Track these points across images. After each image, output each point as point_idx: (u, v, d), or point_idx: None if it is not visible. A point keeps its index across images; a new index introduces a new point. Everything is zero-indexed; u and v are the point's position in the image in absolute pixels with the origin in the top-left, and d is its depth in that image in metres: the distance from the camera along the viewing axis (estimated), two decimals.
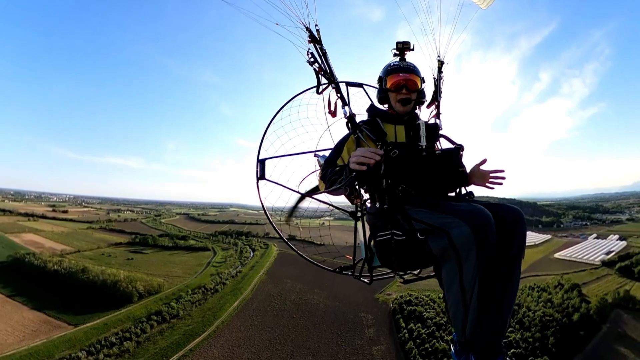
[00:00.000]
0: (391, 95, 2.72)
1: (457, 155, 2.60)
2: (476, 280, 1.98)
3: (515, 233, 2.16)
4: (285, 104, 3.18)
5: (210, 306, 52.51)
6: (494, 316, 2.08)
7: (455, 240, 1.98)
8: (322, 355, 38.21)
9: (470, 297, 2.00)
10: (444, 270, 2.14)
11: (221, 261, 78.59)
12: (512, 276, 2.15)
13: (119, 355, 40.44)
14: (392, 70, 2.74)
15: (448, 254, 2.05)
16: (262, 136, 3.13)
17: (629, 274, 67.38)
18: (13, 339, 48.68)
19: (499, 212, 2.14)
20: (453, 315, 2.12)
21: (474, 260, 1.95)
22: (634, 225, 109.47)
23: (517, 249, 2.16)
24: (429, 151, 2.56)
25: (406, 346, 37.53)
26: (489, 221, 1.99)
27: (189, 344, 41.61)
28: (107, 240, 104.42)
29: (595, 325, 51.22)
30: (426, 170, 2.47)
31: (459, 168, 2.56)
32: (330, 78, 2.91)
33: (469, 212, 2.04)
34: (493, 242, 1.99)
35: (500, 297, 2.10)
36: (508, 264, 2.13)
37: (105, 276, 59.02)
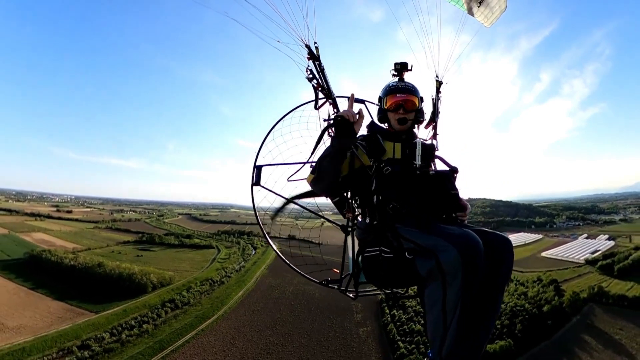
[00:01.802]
0: (390, 114, 2.86)
1: (451, 178, 2.65)
2: (459, 304, 2.03)
3: (503, 261, 2.23)
4: (285, 115, 3.33)
5: (218, 295, 60.45)
6: (472, 339, 2.16)
7: (443, 263, 2.03)
8: (315, 334, 46.13)
9: (451, 319, 2.06)
10: (428, 291, 2.19)
11: (225, 257, 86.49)
12: (495, 302, 2.24)
13: (139, 335, 48.08)
14: (391, 90, 2.89)
15: (434, 276, 2.10)
16: (261, 143, 3.27)
17: (609, 271, 72.71)
18: (42, 324, 56.39)
19: (489, 238, 2.21)
20: (432, 335, 2.16)
21: (459, 285, 2.00)
22: (626, 225, 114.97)
23: (504, 277, 2.25)
24: (422, 170, 2.61)
25: (388, 327, 45.18)
26: (478, 247, 2.04)
27: (201, 325, 49.52)
28: (114, 239, 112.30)
29: (566, 316, 57.52)
30: (418, 189, 2.50)
31: (451, 190, 2.59)
32: (328, 94, 3.08)
33: (459, 236, 2.08)
34: (480, 268, 2.05)
35: (480, 321, 2.19)
36: (493, 290, 2.21)
37: (121, 270, 66.76)
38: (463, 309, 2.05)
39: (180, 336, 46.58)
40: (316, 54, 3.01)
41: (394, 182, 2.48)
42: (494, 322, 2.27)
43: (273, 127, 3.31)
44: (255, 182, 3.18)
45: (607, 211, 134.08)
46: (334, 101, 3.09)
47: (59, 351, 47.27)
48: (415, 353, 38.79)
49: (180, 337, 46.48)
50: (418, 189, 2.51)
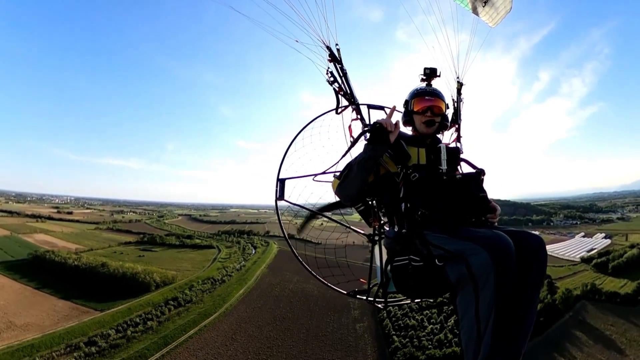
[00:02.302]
0: (416, 117, 2.86)
1: (478, 180, 2.63)
2: (493, 309, 1.98)
3: (535, 260, 2.19)
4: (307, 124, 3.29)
5: (219, 293, 62.70)
6: (508, 347, 2.08)
7: (474, 267, 2.00)
8: (314, 329, 48.51)
9: (486, 326, 2.00)
10: (460, 298, 2.15)
11: (226, 257, 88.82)
12: (530, 304, 2.17)
13: (144, 331, 50.32)
14: (419, 93, 2.92)
15: (465, 282, 2.06)
16: (283, 155, 3.20)
17: (604, 269, 74.77)
18: (49, 322, 58.67)
19: (520, 238, 2.16)
20: (465, 343, 2.11)
21: (491, 289, 1.96)
22: (623, 224, 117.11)
23: (538, 277, 2.19)
24: (449, 175, 2.61)
25: (383, 323, 47.49)
26: (510, 249, 2.01)
27: (204, 321, 51.84)
28: (116, 240, 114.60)
29: (558, 313, 59.66)
30: (446, 194, 2.49)
31: (479, 193, 2.58)
32: (351, 99, 3.04)
33: (489, 238, 2.06)
34: (513, 270, 2.00)
35: (516, 326, 2.12)
36: (527, 291, 2.16)
37: (124, 269, 69.08)
38: (497, 314, 2.00)
39: (183, 332, 48.99)
40: (338, 56, 2.98)
41: (421, 189, 2.47)
42: (530, 325, 2.17)
43: (295, 138, 3.27)
44: (279, 196, 3.13)
45: (605, 210, 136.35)
46: (357, 107, 3.04)
47: (66, 347, 49.52)
48: (408, 346, 41.19)
49: (183, 332, 48.89)
50: (445, 194, 2.50)
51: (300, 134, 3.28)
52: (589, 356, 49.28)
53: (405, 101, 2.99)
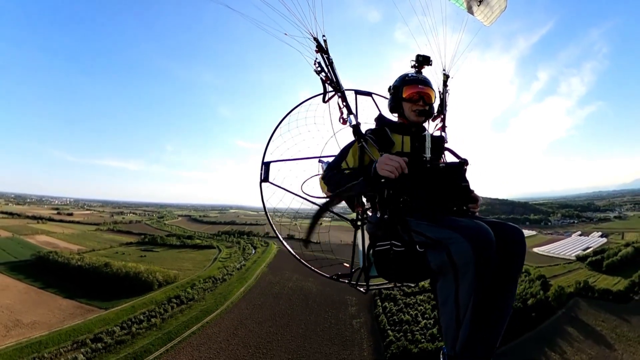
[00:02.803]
0: (406, 105, 2.92)
1: (461, 170, 2.67)
2: (472, 297, 2.06)
3: (515, 252, 2.27)
4: (293, 109, 3.38)
5: (220, 291, 65.16)
6: (486, 333, 2.18)
7: (455, 256, 2.06)
8: (312, 325, 50.89)
9: (464, 313, 2.09)
10: (440, 285, 2.24)
11: (226, 257, 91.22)
12: (508, 294, 2.28)
13: (148, 328, 52.67)
14: (410, 81, 2.95)
15: (446, 269, 2.13)
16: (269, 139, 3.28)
17: (598, 267, 76.42)
18: (55, 320, 60.87)
19: (500, 230, 2.23)
20: (445, 330, 2.21)
21: (471, 278, 2.03)
22: (620, 222, 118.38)
23: (516, 268, 2.28)
24: (432, 163, 2.67)
25: (379, 318, 49.91)
26: (490, 239, 2.07)
27: (205, 318, 54.33)
28: (117, 241, 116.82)
29: (551, 309, 61.55)
30: (429, 182, 2.53)
31: (462, 183, 2.63)
32: (337, 87, 3.09)
33: (471, 228, 2.12)
34: (492, 260, 2.08)
35: (494, 314, 2.21)
36: (505, 282, 2.25)
37: (127, 269, 71.41)
38: (476, 302, 2.08)
39: (186, 328, 51.45)
40: (324, 47, 3.05)
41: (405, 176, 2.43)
42: (508, 314, 2.27)
43: (280, 122, 3.33)
44: (263, 178, 3.23)
45: (602, 209, 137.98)
46: (343, 94, 3.11)
47: (73, 344, 51.70)
48: (402, 340, 43.57)
49: (186, 329, 51.36)
50: (428, 182, 2.53)
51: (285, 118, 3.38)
52: (578, 351, 51.10)
53: (394, 87, 3.03)
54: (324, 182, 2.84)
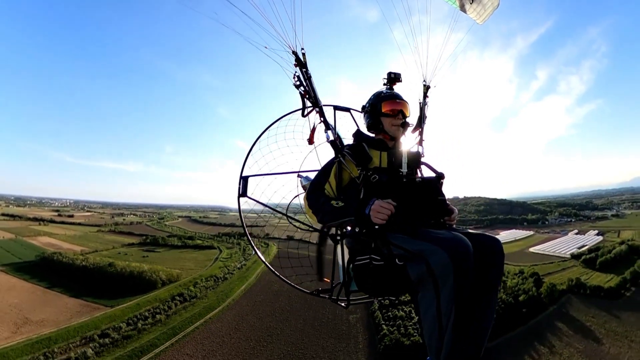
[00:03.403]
0: (386, 120, 3.01)
1: (437, 184, 2.80)
2: (452, 307, 2.13)
3: (494, 262, 2.38)
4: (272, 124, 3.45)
5: (222, 289, 68.22)
6: (469, 342, 2.27)
7: (434, 267, 2.14)
8: (310, 320, 53.99)
9: (447, 323, 2.15)
10: (421, 296, 2.30)
11: (227, 257, 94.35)
12: (489, 303, 2.37)
13: (153, 324, 55.58)
14: (387, 97, 3.08)
15: (426, 281, 2.21)
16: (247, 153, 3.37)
17: (592, 265, 79.02)
18: (63, 318, 63.70)
19: (478, 241, 2.34)
20: (428, 340, 2.27)
21: (451, 288, 2.11)
22: (617, 221, 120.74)
23: (495, 278, 2.39)
24: (409, 178, 2.74)
25: (375, 314, 52.86)
26: (468, 250, 2.16)
27: (208, 314, 57.44)
28: (119, 242, 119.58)
29: (543, 306, 63.68)
30: (406, 197, 2.60)
31: (438, 197, 2.75)
32: (315, 102, 3.15)
33: (449, 240, 2.20)
34: (471, 271, 2.16)
35: (476, 323, 2.31)
36: (486, 291, 2.35)
37: (131, 268, 74.41)
38: (457, 312, 2.14)
39: (190, 323, 54.50)
40: (303, 61, 3.11)
41: (382, 191, 2.55)
42: (490, 323, 2.35)
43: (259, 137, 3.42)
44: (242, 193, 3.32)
45: (600, 207, 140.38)
46: (321, 109, 3.16)
47: (81, 339, 54.48)
48: (395, 333, 46.59)
49: (190, 324, 54.38)
50: (405, 196, 2.60)
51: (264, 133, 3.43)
52: (567, 345, 53.08)
53: (371, 104, 3.12)
54: (310, 207, 2.79)
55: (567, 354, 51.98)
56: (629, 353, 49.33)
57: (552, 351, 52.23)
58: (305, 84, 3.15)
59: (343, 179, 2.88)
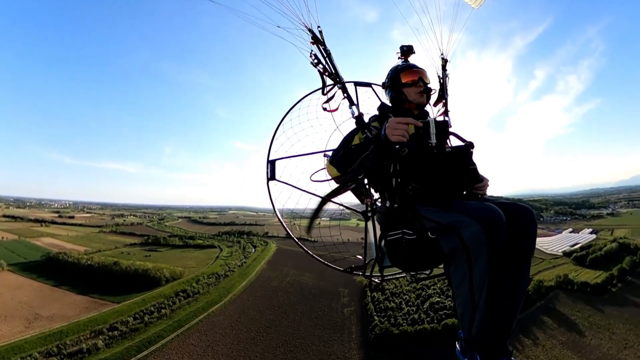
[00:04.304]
0: (409, 90, 3.04)
1: (468, 153, 2.76)
2: (485, 280, 2.14)
3: (526, 232, 2.35)
4: (294, 105, 3.44)
5: (224, 286, 72.91)
6: (502, 316, 2.25)
7: (466, 239, 2.14)
8: (307, 313, 58.54)
9: (479, 296, 2.17)
10: (454, 269, 2.33)
11: (228, 255, 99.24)
12: (521, 275, 2.34)
13: (159, 317, 60.15)
14: (405, 67, 3.12)
15: (459, 253, 2.22)
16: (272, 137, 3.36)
17: (582, 262, 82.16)
18: (72, 313, 68.11)
19: (510, 210, 2.30)
20: (461, 314, 2.30)
21: (484, 260, 2.11)
22: (612, 219, 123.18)
23: (528, 248, 2.37)
24: (439, 149, 2.74)
25: (367, 306, 57.54)
26: (501, 220, 2.15)
27: (211, 308, 62.11)
28: (121, 242, 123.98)
29: (530, 301, 66.27)
30: (436, 168, 2.59)
31: (469, 166, 2.70)
32: (336, 78, 3.10)
33: (480, 210, 2.20)
34: (504, 241, 2.15)
35: (508, 297, 2.28)
36: (518, 262, 2.32)
37: (136, 266, 79.06)
38: (491, 284, 2.16)
39: (194, 317, 59.23)
40: (320, 38, 3.07)
41: (412, 163, 2.53)
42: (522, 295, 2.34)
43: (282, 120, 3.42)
44: (270, 177, 3.29)
45: (597, 206, 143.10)
46: (343, 85, 3.13)
47: (91, 333, 58.87)
48: (385, 323, 51.25)
49: (194, 317, 59.11)
50: (436, 167, 2.59)
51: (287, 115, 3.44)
52: (550, 337, 56.31)
53: (390, 78, 3.18)
54: (332, 164, 2.74)
55: (549, 346, 55.33)
56: (608, 344, 53.10)
57: (536, 343, 55.70)
58: (324, 62, 3.13)
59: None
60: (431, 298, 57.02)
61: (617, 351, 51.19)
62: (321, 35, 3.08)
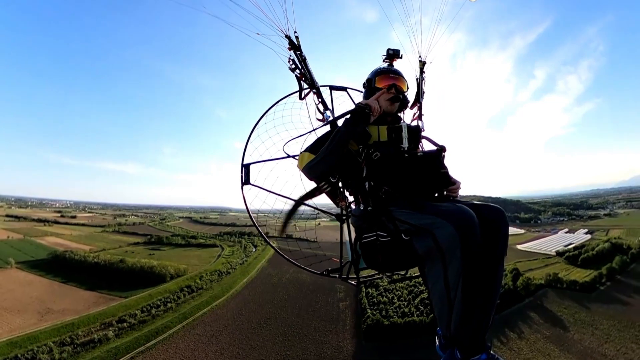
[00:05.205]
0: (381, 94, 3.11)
1: (439, 157, 2.88)
2: (460, 279, 2.23)
3: (498, 232, 2.47)
4: (269, 109, 3.54)
5: (226, 282, 78.04)
6: (478, 313, 2.37)
7: (440, 240, 2.24)
8: (305, 307, 63.59)
9: (455, 294, 2.27)
10: (429, 270, 2.44)
11: (229, 254, 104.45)
12: (495, 274, 2.48)
13: (165, 310, 65.11)
14: (382, 72, 3.22)
15: (433, 254, 2.33)
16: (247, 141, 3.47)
17: (574, 261, 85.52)
18: (81, 307, 72.97)
19: (483, 211, 2.43)
20: (438, 312, 2.41)
21: (458, 260, 2.21)
22: (609, 220, 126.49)
23: (501, 248, 2.49)
24: (410, 153, 2.85)
25: (362, 301, 62.55)
26: (473, 221, 2.25)
27: (214, 302, 67.28)
28: (124, 241, 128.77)
29: (519, 298, 69.88)
30: (408, 171, 2.73)
31: (440, 169, 2.83)
32: (311, 83, 3.29)
33: (453, 212, 2.29)
34: (477, 242, 2.24)
35: (484, 294, 2.40)
36: (492, 262, 2.44)
37: (142, 264, 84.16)
38: (465, 283, 2.24)
39: (198, 310, 64.23)
40: (297, 44, 3.20)
41: (384, 167, 2.66)
42: (497, 293, 2.49)
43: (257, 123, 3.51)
44: (245, 181, 3.40)
45: (595, 206, 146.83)
46: (318, 90, 3.29)
47: (101, 325, 63.52)
48: (377, 315, 56.24)
49: (198, 310, 64.11)
50: (408, 170, 2.73)
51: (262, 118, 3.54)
52: (535, 331, 59.49)
53: (367, 80, 3.29)
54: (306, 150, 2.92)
55: (533, 339, 58.33)
56: (590, 338, 56.43)
57: (521, 337, 59.10)
58: (300, 67, 3.27)
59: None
60: (422, 294, 61.51)
61: (598, 345, 54.34)
62: (298, 41, 3.24)
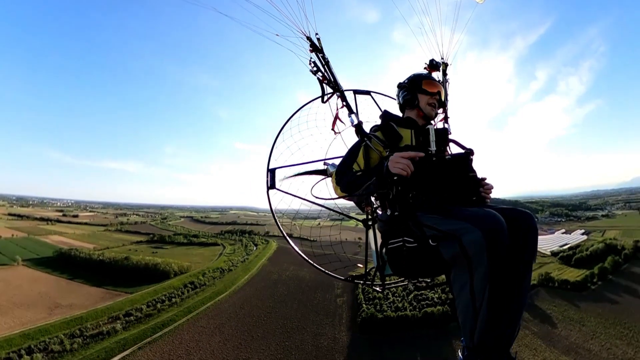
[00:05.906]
0: (423, 97, 3.22)
1: (468, 160, 2.85)
2: (487, 286, 2.18)
3: (527, 237, 2.42)
4: (294, 114, 3.59)
5: (228, 278, 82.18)
6: (504, 322, 2.30)
7: (467, 246, 2.20)
8: (304, 302, 67.57)
9: (481, 303, 2.20)
10: (455, 276, 2.38)
11: (231, 252, 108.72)
12: (523, 281, 2.42)
13: (170, 305, 69.10)
14: (430, 77, 3.37)
15: (459, 260, 2.27)
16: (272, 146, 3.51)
17: (567, 261, 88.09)
18: (88, 302, 76.88)
19: (511, 216, 2.37)
20: (462, 321, 2.34)
21: (485, 266, 2.16)
22: (606, 221, 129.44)
23: (530, 254, 2.43)
24: (438, 156, 2.78)
25: (358, 297, 66.56)
26: (501, 226, 2.20)
27: (217, 297, 71.38)
28: (127, 240, 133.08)
29: None
30: (436, 175, 2.68)
31: (469, 173, 2.81)
32: (335, 87, 3.30)
33: (481, 217, 2.25)
34: (505, 248, 2.19)
35: (510, 302, 2.33)
36: (519, 268, 2.39)
37: (146, 261, 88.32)
38: (492, 290, 2.18)
39: (202, 304, 68.32)
40: (319, 46, 3.22)
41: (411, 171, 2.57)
42: (525, 301, 2.41)
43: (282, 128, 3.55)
44: (270, 185, 3.44)
45: (593, 207, 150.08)
46: (342, 94, 3.29)
47: (108, 318, 67.42)
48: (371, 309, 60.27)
49: (202, 304, 68.21)
50: (436, 174, 2.67)
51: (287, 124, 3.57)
52: (523, 327, 61.69)
53: (410, 80, 3.34)
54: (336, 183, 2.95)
55: (521, 335, 60.06)
56: (577, 335, 59.43)
57: None
58: (323, 70, 3.28)
59: (371, 159, 3.04)
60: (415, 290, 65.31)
61: (584, 341, 57.10)
62: (319, 43, 3.29)
